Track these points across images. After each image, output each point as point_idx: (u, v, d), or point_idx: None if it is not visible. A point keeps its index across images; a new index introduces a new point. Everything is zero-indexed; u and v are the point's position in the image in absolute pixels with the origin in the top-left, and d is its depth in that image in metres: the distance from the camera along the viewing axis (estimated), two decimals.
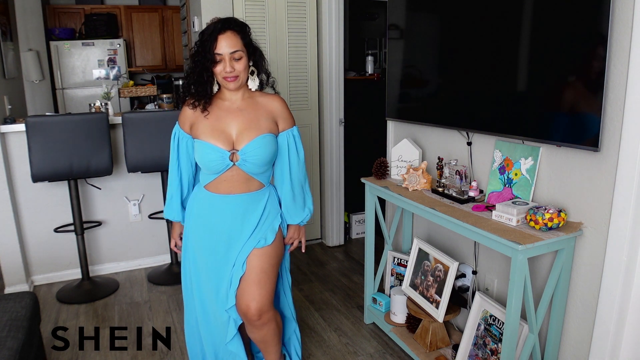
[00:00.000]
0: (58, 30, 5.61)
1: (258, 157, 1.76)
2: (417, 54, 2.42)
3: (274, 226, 1.88)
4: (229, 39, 1.69)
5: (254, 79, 1.83)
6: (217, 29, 1.70)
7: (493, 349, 1.98)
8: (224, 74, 1.72)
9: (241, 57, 1.72)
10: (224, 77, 1.73)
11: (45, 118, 2.77)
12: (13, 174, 3.03)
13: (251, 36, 1.79)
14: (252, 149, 1.75)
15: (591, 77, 1.56)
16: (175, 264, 3.36)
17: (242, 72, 1.74)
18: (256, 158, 1.76)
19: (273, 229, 1.87)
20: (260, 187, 1.86)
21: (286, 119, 1.85)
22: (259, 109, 1.81)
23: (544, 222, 1.64)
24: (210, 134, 1.78)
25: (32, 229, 3.14)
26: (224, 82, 1.75)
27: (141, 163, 2.98)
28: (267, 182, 1.89)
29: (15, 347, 1.62)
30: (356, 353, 2.40)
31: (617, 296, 1.60)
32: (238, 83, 1.75)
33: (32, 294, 2.01)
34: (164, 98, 3.71)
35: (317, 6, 3.52)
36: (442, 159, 2.19)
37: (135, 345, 2.50)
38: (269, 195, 1.88)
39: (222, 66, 1.71)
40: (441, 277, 2.15)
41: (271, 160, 1.83)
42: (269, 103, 1.83)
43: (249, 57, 1.76)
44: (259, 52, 1.80)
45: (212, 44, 1.69)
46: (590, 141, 1.59)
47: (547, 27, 1.70)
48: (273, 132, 1.81)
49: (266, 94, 1.87)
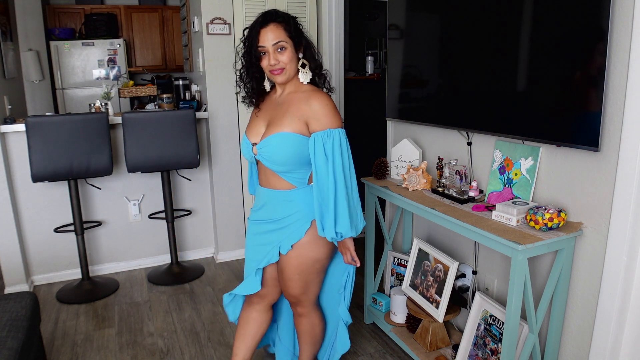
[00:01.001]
0: (58, 30, 5.61)
1: (270, 153, 1.69)
2: (417, 54, 2.42)
3: (300, 232, 1.75)
4: (272, 32, 1.63)
5: (305, 71, 1.71)
6: (259, 23, 1.66)
7: (493, 349, 1.98)
8: (269, 67, 1.67)
9: (285, 47, 1.65)
10: (270, 70, 1.68)
11: (45, 118, 2.77)
12: (13, 174, 3.03)
13: (301, 27, 1.72)
14: (266, 145, 1.69)
15: (591, 77, 1.56)
16: (175, 264, 3.36)
17: (288, 64, 1.66)
18: (269, 155, 1.69)
19: (298, 235, 1.75)
20: (290, 187, 1.74)
21: (319, 120, 1.66)
22: (294, 105, 1.69)
23: (544, 222, 1.64)
24: (249, 126, 1.80)
25: (32, 229, 3.14)
26: (272, 75, 1.70)
27: (141, 163, 2.98)
28: (300, 184, 1.75)
29: (15, 347, 1.62)
30: (356, 353, 2.40)
31: (617, 296, 1.60)
32: (285, 76, 1.68)
33: (32, 294, 2.00)
34: (164, 98, 3.71)
35: (317, 6, 3.52)
36: (442, 159, 2.19)
37: (135, 345, 2.50)
38: (301, 199, 1.74)
39: (267, 59, 1.66)
40: (441, 277, 2.15)
41: (292, 160, 1.69)
42: (307, 101, 1.68)
43: (296, 49, 1.68)
44: (308, 43, 1.72)
45: (256, 38, 1.65)
46: (590, 141, 1.59)
47: (547, 27, 1.70)
48: (299, 131, 1.67)
49: (313, 90, 1.72)
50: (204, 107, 3.48)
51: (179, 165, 3.09)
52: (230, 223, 3.54)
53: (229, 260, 3.57)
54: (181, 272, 3.31)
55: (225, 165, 3.44)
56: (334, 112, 1.69)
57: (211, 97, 3.33)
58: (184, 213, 3.48)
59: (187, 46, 4.09)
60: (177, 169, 3.15)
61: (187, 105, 3.54)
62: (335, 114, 1.69)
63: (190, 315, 2.80)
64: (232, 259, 3.58)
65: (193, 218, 3.57)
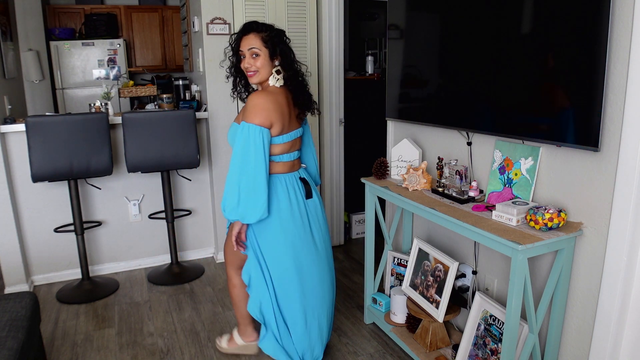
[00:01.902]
0: (58, 30, 5.61)
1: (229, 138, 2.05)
2: (417, 54, 2.42)
3: None
4: (250, 39, 1.95)
5: (277, 77, 1.99)
6: (241, 30, 1.99)
7: (493, 349, 1.98)
8: (245, 69, 1.99)
9: (259, 54, 1.95)
10: (246, 71, 1.99)
11: (45, 118, 2.77)
12: (13, 174, 3.03)
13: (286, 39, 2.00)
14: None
15: (591, 77, 1.56)
16: (175, 264, 3.37)
17: (261, 69, 1.96)
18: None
19: None
20: None
21: (244, 114, 1.95)
22: None
23: (544, 222, 1.64)
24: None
25: (32, 229, 3.14)
26: (248, 76, 2.00)
27: (141, 163, 2.98)
28: None
29: (15, 347, 1.62)
30: (356, 353, 2.40)
31: (617, 296, 1.60)
32: (257, 78, 1.98)
33: (32, 294, 2.01)
34: (164, 98, 3.71)
35: (317, 6, 3.52)
36: (442, 159, 2.19)
37: (135, 345, 2.50)
38: None
39: (244, 62, 1.98)
40: (441, 277, 2.15)
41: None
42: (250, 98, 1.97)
43: (271, 57, 1.96)
44: (286, 54, 1.99)
45: (238, 43, 2.00)
46: (590, 141, 1.59)
47: (547, 27, 1.70)
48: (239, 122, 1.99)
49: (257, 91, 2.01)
50: (204, 107, 3.48)
51: (179, 165, 3.09)
52: None
53: None
54: (181, 272, 3.32)
55: (225, 165, 3.44)
56: (255, 110, 1.92)
57: (211, 97, 3.33)
58: (184, 213, 3.48)
59: (187, 46, 4.10)
60: (177, 169, 3.15)
61: (187, 105, 3.54)
62: (255, 111, 1.91)
63: (190, 315, 2.80)
64: None
65: (193, 218, 3.57)
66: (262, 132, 1.90)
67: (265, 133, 1.90)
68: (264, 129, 1.90)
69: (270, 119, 1.92)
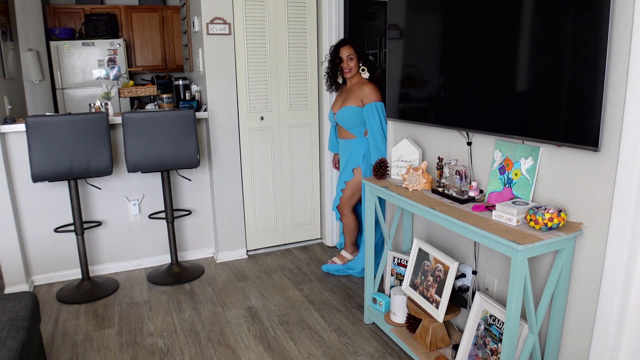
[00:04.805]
0: (58, 30, 5.61)
1: (343, 118, 3.09)
2: (417, 54, 2.42)
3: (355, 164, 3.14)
4: (347, 49, 3.05)
5: (365, 72, 3.08)
6: (339, 44, 3.09)
7: (493, 349, 1.98)
8: (344, 69, 3.07)
9: (353, 58, 3.05)
10: (344, 71, 3.08)
11: (45, 118, 2.77)
12: (13, 174, 3.03)
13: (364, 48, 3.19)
14: (340, 113, 3.09)
15: (591, 77, 1.56)
16: (175, 264, 3.37)
17: (354, 68, 3.06)
18: (341, 119, 3.10)
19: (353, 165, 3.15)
20: (353, 137, 3.13)
21: (368, 97, 2.98)
22: (357, 90, 3.05)
23: (544, 222, 1.64)
24: (334, 103, 3.26)
25: (32, 229, 3.14)
26: (345, 74, 3.09)
27: (141, 163, 2.98)
28: (360, 135, 3.09)
29: (15, 347, 1.62)
30: (356, 353, 2.40)
31: (617, 296, 1.60)
32: (351, 74, 3.08)
33: (32, 294, 2.01)
34: (164, 98, 3.70)
35: (317, 6, 3.52)
36: (442, 159, 2.19)
37: (135, 345, 2.50)
38: (357, 144, 3.11)
39: (343, 65, 3.07)
40: (441, 277, 2.15)
41: (355, 122, 3.05)
42: (362, 88, 3.03)
43: (358, 59, 3.06)
44: (367, 56, 3.11)
45: (337, 51, 3.08)
46: (590, 141, 1.59)
47: (547, 26, 1.70)
48: (358, 105, 3.02)
49: (366, 82, 3.05)
50: (204, 107, 3.48)
51: (179, 165, 3.09)
52: (230, 223, 3.54)
53: (228, 260, 3.57)
54: (181, 272, 3.32)
55: (225, 165, 3.44)
56: (377, 93, 3.00)
57: (211, 97, 3.33)
58: (184, 213, 3.48)
59: (187, 46, 4.09)
60: (177, 169, 3.15)
61: (187, 105, 3.54)
62: (376, 94, 2.99)
63: (190, 315, 2.80)
64: (232, 259, 3.59)
65: (193, 218, 3.57)
66: None
67: None
68: None
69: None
